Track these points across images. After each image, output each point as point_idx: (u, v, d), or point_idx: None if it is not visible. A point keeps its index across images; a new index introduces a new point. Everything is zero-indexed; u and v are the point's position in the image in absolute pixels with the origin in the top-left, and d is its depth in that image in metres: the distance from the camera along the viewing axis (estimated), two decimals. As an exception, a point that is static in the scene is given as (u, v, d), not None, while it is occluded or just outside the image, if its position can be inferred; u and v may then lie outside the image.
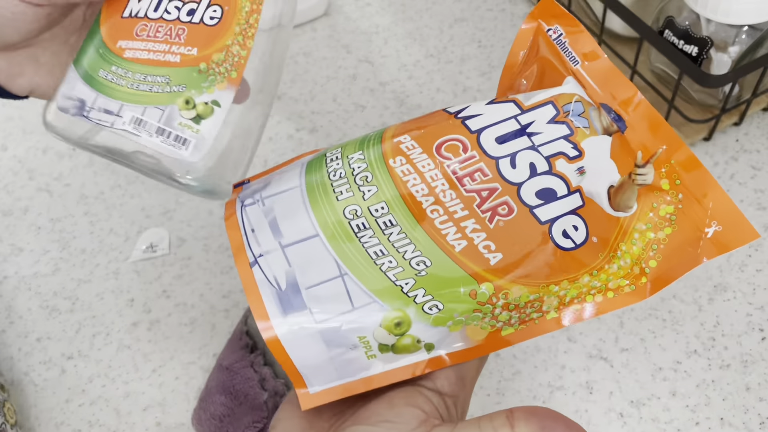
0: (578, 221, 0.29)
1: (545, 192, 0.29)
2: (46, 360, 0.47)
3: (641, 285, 0.29)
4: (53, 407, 0.45)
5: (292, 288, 0.27)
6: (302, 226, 0.28)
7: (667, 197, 0.29)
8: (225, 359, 0.44)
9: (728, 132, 0.55)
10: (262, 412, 0.40)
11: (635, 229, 0.29)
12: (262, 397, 0.41)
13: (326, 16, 0.66)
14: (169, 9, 0.31)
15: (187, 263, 0.51)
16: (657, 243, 0.29)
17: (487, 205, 0.28)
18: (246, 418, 0.40)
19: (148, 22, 0.31)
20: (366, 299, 0.27)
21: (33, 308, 0.50)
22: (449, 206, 0.28)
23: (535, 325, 0.29)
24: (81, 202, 0.55)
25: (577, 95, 0.31)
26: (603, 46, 0.57)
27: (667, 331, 0.45)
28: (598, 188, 0.29)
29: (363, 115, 0.59)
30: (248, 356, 0.43)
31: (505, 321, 0.28)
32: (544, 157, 0.29)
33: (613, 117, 0.31)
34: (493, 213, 0.28)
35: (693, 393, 0.43)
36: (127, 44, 0.31)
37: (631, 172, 0.30)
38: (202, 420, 0.42)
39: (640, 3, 0.56)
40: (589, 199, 0.29)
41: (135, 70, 0.31)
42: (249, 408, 0.41)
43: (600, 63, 0.32)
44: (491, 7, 0.66)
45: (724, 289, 0.47)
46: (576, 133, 0.30)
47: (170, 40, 0.31)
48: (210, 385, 0.43)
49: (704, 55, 0.49)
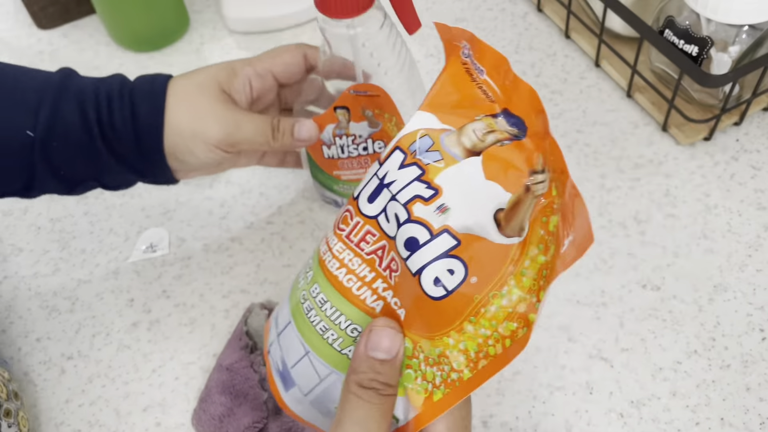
0: (455, 264, 0.26)
1: (410, 241, 0.27)
2: (46, 360, 0.47)
3: (531, 324, 0.26)
4: (53, 407, 0.45)
5: (285, 369, 0.33)
6: (284, 314, 0.33)
7: (554, 205, 0.26)
8: (225, 359, 0.43)
9: (728, 132, 0.55)
10: (262, 413, 0.40)
11: (527, 256, 0.26)
12: (262, 397, 0.41)
13: (326, 15, 0.66)
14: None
15: (187, 263, 0.51)
16: (547, 268, 0.26)
17: (384, 263, 0.29)
18: (246, 419, 0.40)
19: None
20: (326, 371, 0.31)
21: (33, 308, 0.50)
22: (359, 272, 0.29)
23: (457, 387, 0.28)
24: (81, 202, 0.55)
25: (422, 129, 0.28)
26: (603, 45, 0.57)
27: (668, 332, 0.45)
28: (478, 218, 0.26)
29: (363, 114, 0.59)
30: (248, 356, 0.43)
31: (432, 381, 0.28)
32: (402, 204, 0.28)
33: (512, 122, 0.28)
34: (389, 270, 0.29)
35: (693, 393, 0.43)
36: None
37: (528, 181, 0.26)
38: (202, 420, 0.42)
39: (640, 3, 0.56)
40: (465, 236, 0.26)
41: None
42: (249, 408, 0.41)
43: (493, 58, 0.29)
44: (491, 7, 0.65)
45: (725, 290, 0.47)
46: (427, 170, 0.27)
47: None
48: (210, 385, 0.43)
49: (704, 55, 0.49)
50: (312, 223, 0.52)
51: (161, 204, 0.54)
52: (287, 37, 0.65)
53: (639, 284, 0.47)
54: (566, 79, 0.59)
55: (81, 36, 0.67)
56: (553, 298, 0.47)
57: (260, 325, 0.44)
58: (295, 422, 0.40)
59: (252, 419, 0.40)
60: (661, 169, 0.53)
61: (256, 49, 0.64)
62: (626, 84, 0.57)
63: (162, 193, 0.55)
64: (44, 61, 0.65)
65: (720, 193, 0.51)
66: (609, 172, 0.53)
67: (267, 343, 0.35)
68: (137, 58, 0.64)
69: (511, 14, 0.65)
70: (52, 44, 0.66)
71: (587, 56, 0.61)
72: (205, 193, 0.55)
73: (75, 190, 0.42)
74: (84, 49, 0.65)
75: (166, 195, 0.55)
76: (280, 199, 0.54)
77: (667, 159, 0.54)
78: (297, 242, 0.51)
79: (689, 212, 0.50)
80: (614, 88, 0.58)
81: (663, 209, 0.51)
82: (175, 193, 0.55)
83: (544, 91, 0.59)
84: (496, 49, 0.29)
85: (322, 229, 0.52)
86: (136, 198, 0.55)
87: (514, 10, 0.65)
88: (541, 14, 0.64)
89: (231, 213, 0.53)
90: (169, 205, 0.54)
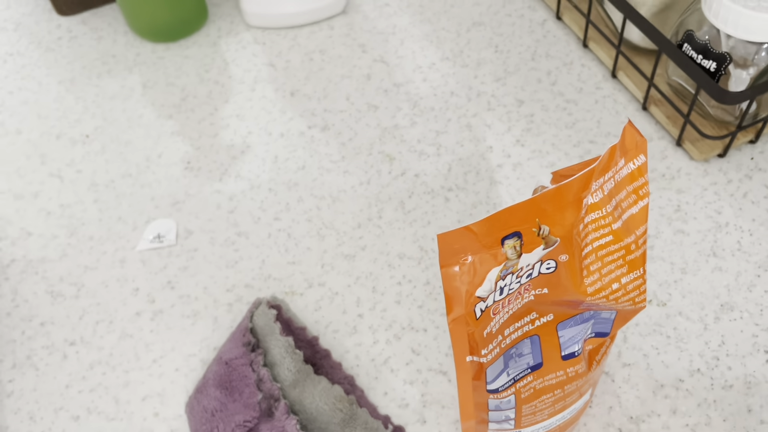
0: None
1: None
2: (48, 345, 0.47)
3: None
4: (53, 392, 0.45)
5: None
6: None
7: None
8: (225, 353, 0.44)
9: (743, 150, 0.54)
10: (254, 412, 0.40)
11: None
12: (256, 397, 0.41)
13: (344, 14, 0.66)
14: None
15: (193, 255, 0.51)
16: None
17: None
18: (237, 416, 0.40)
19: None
20: None
21: (39, 292, 0.50)
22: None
23: None
24: (91, 189, 0.55)
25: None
26: (620, 56, 0.57)
27: (671, 348, 0.45)
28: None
29: (375, 115, 0.58)
30: (249, 354, 0.43)
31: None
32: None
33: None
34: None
35: (694, 412, 0.42)
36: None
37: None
38: (195, 411, 0.42)
39: (660, 15, 0.56)
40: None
41: None
42: (242, 406, 0.41)
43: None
44: (510, 13, 0.65)
45: (731, 309, 0.46)
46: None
47: None
48: (207, 376, 0.43)
49: (722, 71, 0.48)
50: (319, 222, 0.52)
51: (170, 195, 0.54)
52: (305, 34, 0.65)
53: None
54: (582, 89, 0.59)
55: (100, 24, 0.67)
56: (557, 308, 0.47)
57: (266, 324, 0.44)
58: (284, 428, 0.40)
59: (243, 417, 0.40)
60: (673, 184, 0.52)
61: (272, 44, 0.64)
62: (642, 96, 0.56)
63: (172, 185, 0.55)
64: (62, 47, 0.65)
65: (732, 211, 0.51)
66: (620, 185, 0.53)
67: None
68: (154, 48, 0.65)
69: (530, 21, 0.64)
70: (71, 31, 0.67)
71: (604, 66, 0.60)
72: (214, 186, 0.55)
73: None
74: (102, 38, 0.66)
75: (175, 186, 0.55)
76: (288, 196, 0.54)
77: (679, 174, 0.53)
78: (303, 240, 0.51)
79: (699, 229, 0.50)
80: (630, 99, 0.58)
81: (673, 225, 0.50)
82: (185, 185, 0.55)
83: (559, 100, 0.58)
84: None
85: (329, 228, 0.52)
86: (146, 188, 0.55)
87: (533, 16, 0.65)
88: (560, 22, 0.64)
89: (239, 207, 0.54)
90: (178, 196, 0.54)
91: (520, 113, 0.58)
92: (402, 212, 0.52)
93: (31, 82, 0.63)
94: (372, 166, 0.55)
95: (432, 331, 0.46)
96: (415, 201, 0.53)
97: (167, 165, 0.56)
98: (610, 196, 0.31)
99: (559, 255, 0.30)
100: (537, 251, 0.29)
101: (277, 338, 0.43)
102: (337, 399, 0.42)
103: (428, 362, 0.45)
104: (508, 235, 0.29)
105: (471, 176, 0.54)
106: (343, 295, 0.48)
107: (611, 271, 0.32)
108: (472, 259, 0.29)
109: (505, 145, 0.56)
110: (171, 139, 0.58)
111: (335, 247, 0.51)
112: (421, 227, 0.51)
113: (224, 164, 0.56)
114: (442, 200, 0.53)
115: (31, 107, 0.61)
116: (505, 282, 0.30)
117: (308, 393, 0.42)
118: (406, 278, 0.49)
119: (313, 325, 0.47)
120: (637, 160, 0.31)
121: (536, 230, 0.29)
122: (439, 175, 0.54)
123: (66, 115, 0.60)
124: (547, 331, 0.33)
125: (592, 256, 0.31)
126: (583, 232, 0.30)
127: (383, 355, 0.46)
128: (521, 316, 0.32)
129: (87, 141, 0.58)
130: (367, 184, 0.54)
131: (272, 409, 0.41)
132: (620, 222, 0.31)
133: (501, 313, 0.31)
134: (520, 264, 0.30)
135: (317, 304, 0.48)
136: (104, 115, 0.60)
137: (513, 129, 0.57)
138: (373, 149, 0.56)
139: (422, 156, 0.56)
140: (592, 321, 0.34)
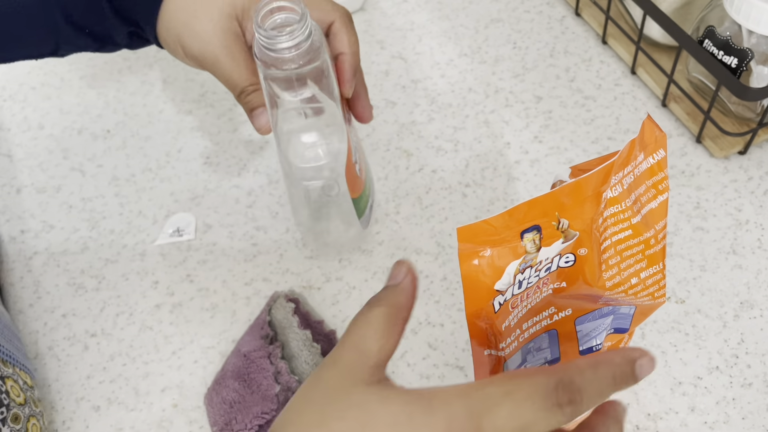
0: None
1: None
2: (70, 336, 0.48)
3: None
4: (74, 382, 0.46)
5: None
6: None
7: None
8: (244, 345, 0.44)
9: (764, 147, 0.54)
10: (272, 404, 0.41)
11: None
12: (274, 389, 0.41)
13: (362, 11, 0.66)
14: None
15: (212, 249, 0.51)
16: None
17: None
18: (255, 408, 0.41)
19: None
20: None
21: (60, 285, 0.51)
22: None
23: None
24: (112, 184, 0.56)
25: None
26: (640, 53, 0.57)
27: (690, 346, 0.44)
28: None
29: (393, 111, 0.59)
30: (267, 347, 0.43)
31: None
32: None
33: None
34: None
35: (712, 410, 0.42)
36: None
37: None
38: (214, 402, 0.42)
39: (680, 11, 0.55)
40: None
41: None
42: (260, 398, 0.41)
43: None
44: (528, 9, 0.65)
45: (751, 307, 0.46)
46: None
47: None
48: (226, 368, 0.44)
49: (744, 67, 0.48)
50: (337, 217, 0.53)
51: (190, 189, 0.55)
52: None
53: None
54: (600, 85, 0.59)
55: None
56: (574, 305, 0.47)
57: (284, 317, 0.45)
58: None
59: (261, 409, 0.41)
60: (693, 181, 0.52)
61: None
62: (662, 93, 0.56)
63: (191, 179, 0.56)
64: (84, 43, 0.66)
65: (752, 208, 0.50)
66: (639, 182, 0.52)
67: None
68: (174, 45, 0.65)
69: (548, 17, 0.64)
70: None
71: (623, 63, 0.60)
72: (233, 181, 0.55)
73: (103, 48, 0.43)
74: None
75: (194, 181, 0.55)
76: (306, 190, 0.54)
77: (699, 171, 0.53)
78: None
79: (719, 226, 0.50)
80: (649, 96, 0.57)
81: (692, 222, 0.50)
82: (204, 180, 0.55)
83: (578, 97, 0.58)
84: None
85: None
86: (165, 182, 0.56)
87: (552, 13, 0.64)
88: (579, 18, 0.64)
89: (257, 202, 0.54)
90: (198, 191, 0.55)
91: (538, 110, 0.58)
92: (419, 208, 0.52)
93: (54, 77, 0.64)
94: (390, 161, 0.55)
95: (449, 326, 0.47)
96: (433, 197, 0.53)
97: (187, 160, 0.57)
98: (629, 191, 0.31)
99: (578, 249, 0.30)
100: (556, 245, 0.29)
101: (295, 331, 0.44)
102: None
103: (445, 357, 0.45)
104: (527, 228, 0.28)
105: (488, 172, 0.54)
106: (361, 289, 0.48)
107: (630, 265, 0.32)
108: (491, 253, 0.29)
109: (522, 142, 0.56)
110: (191, 134, 0.59)
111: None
112: (439, 223, 0.51)
113: (243, 159, 0.56)
114: (459, 196, 0.53)
115: (53, 102, 0.62)
116: (524, 276, 0.30)
117: None
118: (423, 273, 0.49)
119: (331, 319, 0.47)
120: (657, 154, 0.31)
121: (555, 224, 0.29)
122: (457, 171, 0.54)
123: (87, 111, 0.61)
124: (565, 325, 0.33)
125: (611, 250, 0.31)
126: (602, 226, 0.30)
127: (400, 349, 0.46)
128: (540, 310, 0.32)
129: (108, 136, 0.59)
130: (385, 179, 0.54)
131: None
132: (639, 216, 0.31)
133: (519, 306, 0.31)
134: (539, 257, 0.29)
135: (334, 299, 0.48)
136: (125, 110, 0.61)
137: (531, 125, 0.57)
138: (391, 145, 0.56)
139: (440, 152, 0.56)
140: (612, 317, 0.34)
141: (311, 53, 0.35)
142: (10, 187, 0.57)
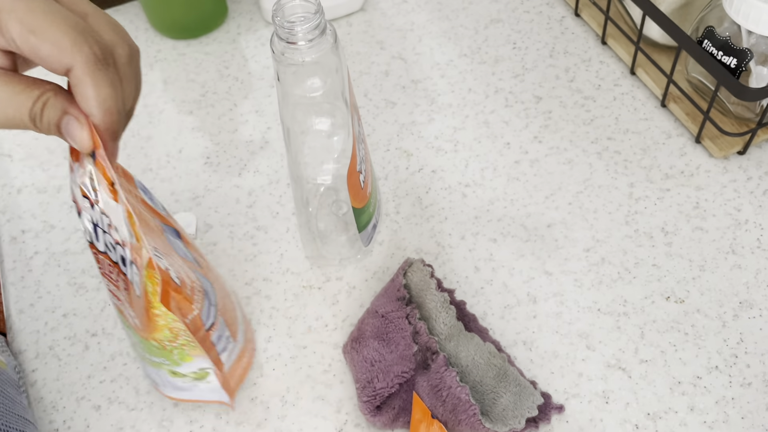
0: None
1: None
2: (70, 335, 0.48)
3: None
4: (75, 382, 0.46)
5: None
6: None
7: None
8: (381, 307, 0.44)
9: (763, 147, 0.54)
10: (411, 364, 0.42)
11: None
12: (412, 349, 0.42)
13: (362, 11, 0.66)
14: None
15: (213, 249, 0.52)
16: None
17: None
18: (396, 367, 0.41)
19: None
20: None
21: (61, 284, 0.51)
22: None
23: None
24: (113, 184, 0.56)
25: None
26: (639, 53, 0.57)
27: (689, 345, 0.44)
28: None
29: (393, 111, 0.59)
30: (404, 308, 0.44)
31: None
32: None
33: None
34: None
35: (711, 409, 0.42)
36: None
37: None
38: (355, 360, 0.43)
39: (680, 11, 0.55)
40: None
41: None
42: (399, 357, 0.42)
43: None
44: (528, 9, 0.65)
45: (750, 306, 0.46)
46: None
47: None
48: (363, 328, 0.44)
49: (743, 68, 0.48)
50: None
51: (190, 189, 0.55)
52: (323, 31, 0.65)
53: (662, 296, 0.47)
54: (600, 86, 0.59)
55: (121, 21, 0.68)
56: (573, 304, 0.47)
57: (420, 279, 0.45)
58: (443, 380, 0.40)
59: (401, 369, 0.41)
60: (692, 181, 0.52)
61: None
62: (661, 93, 0.56)
63: (192, 179, 0.56)
64: (85, 43, 0.66)
65: (752, 208, 0.50)
66: (638, 182, 0.53)
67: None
68: (175, 45, 0.65)
69: (548, 17, 0.64)
70: (93, 27, 0.68)
71: (623, 63, 0.60)
72: (233, 181, 0.55)
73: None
74: (124, 34, 0.67)
75: (195, 181, 0.56)
76: (306, 190, 0.54)
77: (698, 171, 0.53)
78: (321, 234, 0.52)
79: (718, 226, 0.50)
80: (649, 96, 0.58)
81: (692, 222, 0.50)
82: (205, 180, 0.56)
83: (577, 97, 0.58)
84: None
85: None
86: (166, 182, 0.56)
87: (551, 13, 0.65)
88: (578, 19, 0.64)
89: (258, 202, 0.54)
90: (198, 191, 0.55)
91: (537, 110, 0.58)
92: (419, 208, 0.53)
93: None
94: (389, 161, 0.56)
95: (449, 326, 0.47)
96: (433, 197, 0.53)
97: (187, 160, 0.57)
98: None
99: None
100: (105, 192, 0.33)
101: (433, 293, 0.44)
102: (491, 354, 0.43)
103: (445, 357, 0.45)
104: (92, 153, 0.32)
105: (488, 172, 0.54)
106: (361, 289, 0.49)
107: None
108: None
109: (522, 142, 0.56)
110: (191, 134, 0.59)
111: (353, 242, 0.51)
112: (438, 223, 0.52)
113: (243, 159, 0.57)
114: (459, 196, 0.53)
115: (54, 103, 0.62)
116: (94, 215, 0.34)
117: (463, 347, 0.43)
118: (423, 273, 0.49)
119: (331, 319, 0.48)
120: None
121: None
122: (457, 171, 0.55)
123: (88, 111, 0.61)
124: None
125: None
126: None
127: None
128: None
129: (109, 136, 0.59)
130: (385, 179, 0.55)
131: (428, 362, 0.42)
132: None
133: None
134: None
135: (335, 298, 0.48)
136: (125, 110, 0.61)
137: (531, 125, 0.57)
138: (391, 145, 0.57)
139: (440, 152, 0.56)
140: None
141: (323, 45, 0.38)
142: (11, 187, 0.57)
